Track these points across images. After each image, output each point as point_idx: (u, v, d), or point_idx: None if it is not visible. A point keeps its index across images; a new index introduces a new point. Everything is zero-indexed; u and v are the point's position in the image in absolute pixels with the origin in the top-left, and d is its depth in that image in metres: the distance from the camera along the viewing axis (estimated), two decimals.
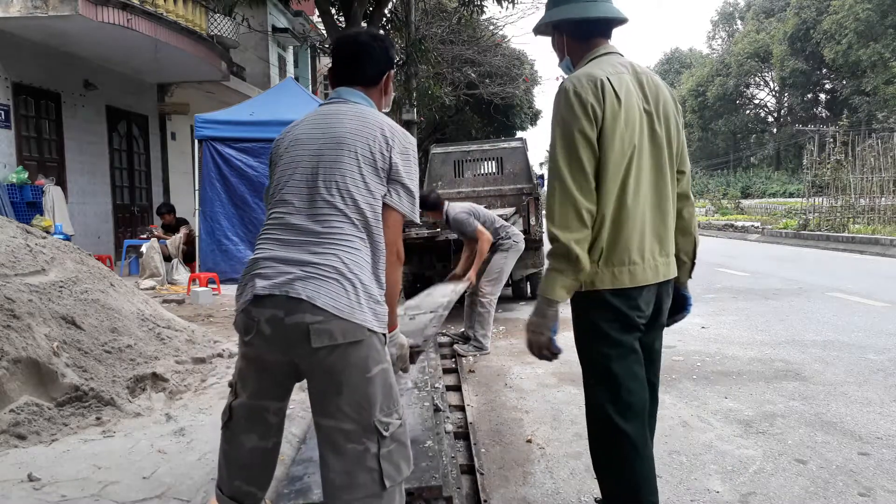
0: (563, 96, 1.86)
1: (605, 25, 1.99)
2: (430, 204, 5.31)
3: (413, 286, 7.62)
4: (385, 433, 1.73)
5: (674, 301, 2.14)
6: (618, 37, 2.14)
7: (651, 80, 1.97)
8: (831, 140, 17.65)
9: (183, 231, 9.34)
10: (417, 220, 2.02)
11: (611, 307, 1.91)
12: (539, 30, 2.10)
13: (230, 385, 2.01)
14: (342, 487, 1.72)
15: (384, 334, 1.78)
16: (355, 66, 1.97)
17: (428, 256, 6.68)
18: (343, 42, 2.03)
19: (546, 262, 1.90)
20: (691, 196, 2.16)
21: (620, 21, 1.99)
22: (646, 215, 1.92)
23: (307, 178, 1.81)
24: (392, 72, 2.03)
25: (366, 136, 1.82)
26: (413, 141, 1.93)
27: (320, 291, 1.67)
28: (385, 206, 1.81)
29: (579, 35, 2.00)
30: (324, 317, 1.65)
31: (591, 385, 2.01)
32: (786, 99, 55.05)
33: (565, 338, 1.94)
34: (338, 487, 1.73)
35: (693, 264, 2.21)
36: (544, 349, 1.93)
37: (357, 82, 1.97)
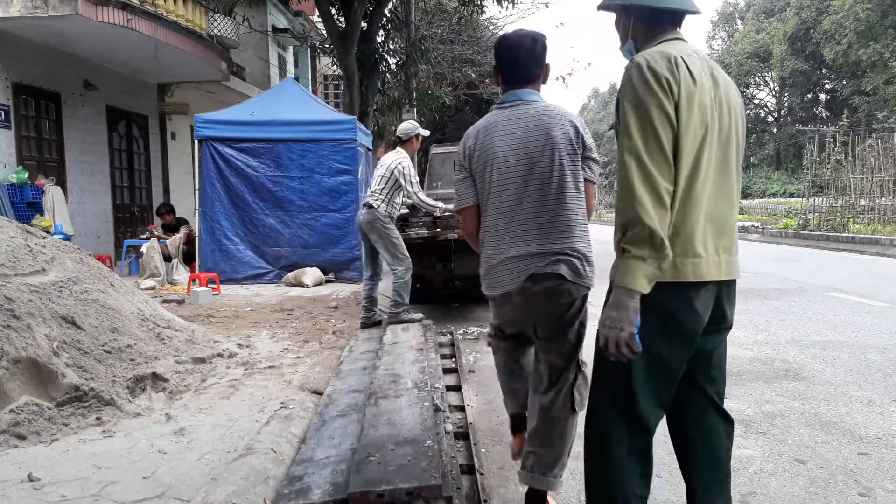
0: (636, 72, 1.71)
1: (676, 14, 1.87)
2: None
3: (413, 287, 7.62)
4: (583, 369, 2.27)
5: None
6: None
7: (721, 72, 1.86)
8: (831, 140, 17.66)
9: (183, 231, 9.34)
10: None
11: (659, 306, 1.69)
12: (604, 6, 1.96)
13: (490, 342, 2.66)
14: (547, 406, 2.31)
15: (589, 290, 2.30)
16: (524, 69, 2.33)
17: (428, 257, 6.67)
18: (508, 47, 2.36)
19: (624, 250, 1.69)
20: None
21: (693, 12, 1.88)
22: (710, 206, 1.76)
23: (525, 182, 2.24)
24: (549, 63, 2.41)
25: (563, 133, 2.26)
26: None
27: (559, 266, 2.21)
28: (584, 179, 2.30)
29: (648, 19, 1.87)
30: (564, 282, 2.21)
31: (601, 394, 1.82)
32: (786, 99, 54.99)
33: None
34: (545, 407, 2.31)
35: None
36: (624, 346, 1.69)
37: (528, 82, 2.35)
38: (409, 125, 5.98)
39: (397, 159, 5.73)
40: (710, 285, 1.76)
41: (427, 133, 6.25)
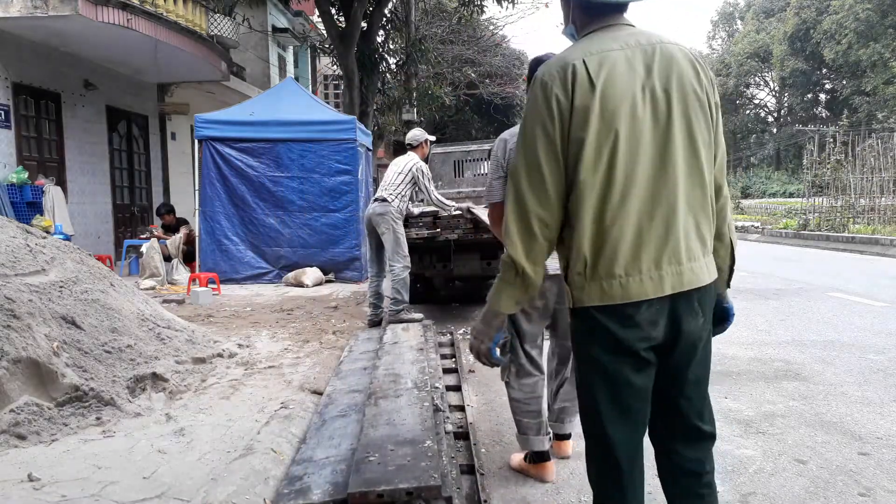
0: (531, 88, 1.66)
1: (610, 5, 1.71)
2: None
3: (413, 287, 7.61)
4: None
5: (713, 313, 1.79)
6: None
7: (663, 52, 1.65)
8: (831, 140, 17.67)
9: (183, 231, 9.34)
10: None
11: (599, 326, 1.63)
12: None
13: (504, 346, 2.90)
14: (569, 373, 2.94)
15: None
16: None
17: (428, 257, 6.68)
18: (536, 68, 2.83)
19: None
20: (725, 188, 1.80)
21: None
22: (644, 215, 1.61)
23: None
24: None
25: None
26: None
27: None
28: None
29: (585, 8, 1.75)
30: None
31: (582, 412, 1.80)
32: (786, 99, 54.98)
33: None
34: (565, 373, 2.98)
35: (731, 272, 1.88)
36: (483, 357, 1.82)
37: None
38: (417, 132, 6.27)
39: (414, 160, 6.01)
40: (652, 301, 1.62)
41: (433, 138, 6.55)
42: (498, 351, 1.81)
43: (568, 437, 3.05)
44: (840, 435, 3.30)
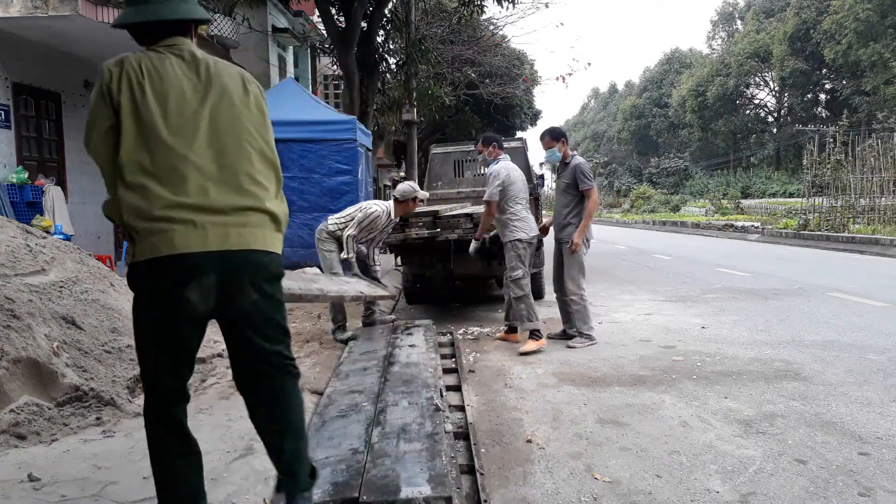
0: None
1: (157, 29, 1.97)
2: (556, 134, 5.62)
3: (413, 286, 7.62)
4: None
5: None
6: (619, 38, 2.06)
7: (213, 65, 2.01)
8: (831, 140, 17.68)
9: None
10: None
11: (145, 281, 1.81)
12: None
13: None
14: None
15: None
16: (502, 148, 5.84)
17: (428, 257, 6.68)
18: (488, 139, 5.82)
19: None
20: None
21: (173, 21, 1.98)
22: (188, 169, 1.81)
23: (526, 193, 5.61)
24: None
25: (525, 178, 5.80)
26: None
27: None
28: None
29: (135, 37, 2.05)
30: (538, 234, 5.92)
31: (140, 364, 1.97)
32: (786, 99, 54.98)
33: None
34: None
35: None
36: None
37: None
38: (407, 187, 5.79)
39: (370, 209, 5.56)
40: (204, 254, 1.77)
41: (426, 195, 6.20)
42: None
43: (515, 330, 5.52)
44: (840, 435, 3.30)
